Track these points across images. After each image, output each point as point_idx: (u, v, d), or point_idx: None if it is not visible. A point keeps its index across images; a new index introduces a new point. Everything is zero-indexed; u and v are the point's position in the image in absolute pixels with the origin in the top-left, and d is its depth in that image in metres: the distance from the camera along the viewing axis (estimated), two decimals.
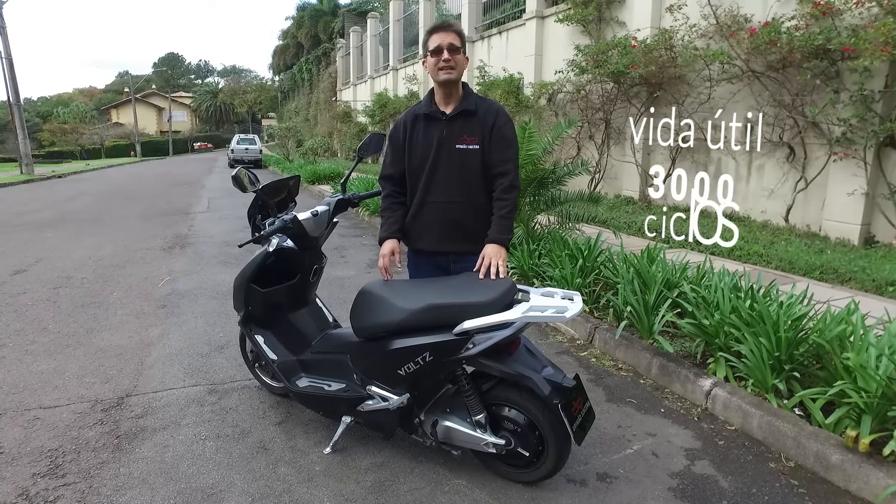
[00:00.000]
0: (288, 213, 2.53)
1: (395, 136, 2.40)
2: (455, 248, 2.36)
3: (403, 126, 2.37)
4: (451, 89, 2.29)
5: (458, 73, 2.26)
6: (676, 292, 3.73)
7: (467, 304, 1.94)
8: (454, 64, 2.23)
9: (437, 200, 2.31)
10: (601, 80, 9.35)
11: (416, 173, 2.34)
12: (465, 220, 2.32)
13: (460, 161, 2.28)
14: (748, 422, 2.66)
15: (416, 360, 2.02)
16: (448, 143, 2.28)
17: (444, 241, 2.34)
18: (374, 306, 2.15)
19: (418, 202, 2.35)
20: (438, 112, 2.31)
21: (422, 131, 2.33)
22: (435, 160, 2.29)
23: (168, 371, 3.27)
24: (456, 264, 2.39)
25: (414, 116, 2.36)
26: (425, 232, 2.33)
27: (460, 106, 2.29)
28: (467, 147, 2.28)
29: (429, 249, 2.39)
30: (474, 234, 2.32)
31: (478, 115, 2.30)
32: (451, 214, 2.31)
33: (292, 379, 2.53)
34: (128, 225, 8.87)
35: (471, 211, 2.32)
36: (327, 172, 15.41)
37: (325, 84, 34.45)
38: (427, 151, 2.30)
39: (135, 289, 5.07)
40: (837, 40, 6.08)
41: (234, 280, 2.64)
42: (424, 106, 2.34)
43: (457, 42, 2.23)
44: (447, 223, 2.32)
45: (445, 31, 2.24)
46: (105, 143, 46.80)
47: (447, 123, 2.29)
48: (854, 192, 6.31)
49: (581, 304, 1.93)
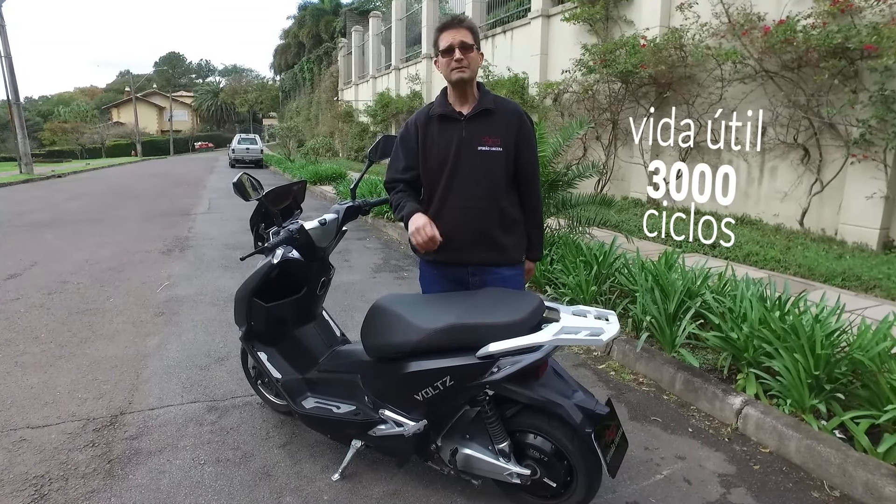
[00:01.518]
0: (294, 222, 2.35)
1: (407, 138, 2.21)
2: (476, 259, 2.17)
3: (415, 127, 2.19)
4: (466, 89, 2.12)
5: (473, 72, 2.09)
6: (698, 302, 3.55)
7: (493, 325, 1.77)
8: (467, 62, 2.06)
9: (457, 206, 2.13)
10: (609, 79, 9.17)
11: (433, 178, 2.16)
12: (487, 226, 2.15)
13: (482, 163, 2.11)
14: (784, 444, 2.48)
15: (436, 385, 1.85)
16: (469, 145, 2.11)
17: (464, 250, 2.15)
18: (388, 324, 1.97)
19: (436, 208, 2.16)
20: (455, 112, 2.14)
21: (437, 133, 2.15)
22: (455, 163, 2.11)
23: (165, 385, 3.10)
24: (474, 277, 2.20)
25: (427, 117, 2.18)
26: (444, 240, 2.12)
27: (479, 106, 2.13)
28: (490, 149, 2.11)
29: (447, 260, 2.19)
30: (496, 242, 2.16)
31: (497, 115, 2.14)
32: (473, 221, 2.13)
33: (298, 399, 2.36)
34: (127, 226, 8.71)
35: (494, 217, 2.15)
36: (329, 173, 15.23)
37: (327, 84, 34.28)
38: (445, 154, 2.12)
39: (132, 294, 4.90)
40: (857, 39, 5.90)
41: (236, 293, 2.46)
42: (439, 106, 2.17)
43: (469, 39, 2.07)
44: (469, 230, 2.14)
45: (456, 28, 2.07)
46: (106, 142, 46.64)
47: (466, 124, 2.12)
48: (873, 195, 6.13)
49: (617, 325, 1.75)
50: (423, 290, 2.36)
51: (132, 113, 46.25)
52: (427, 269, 2.29)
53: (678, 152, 8.71)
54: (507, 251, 2.19)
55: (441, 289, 2.26)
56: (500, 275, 2.19)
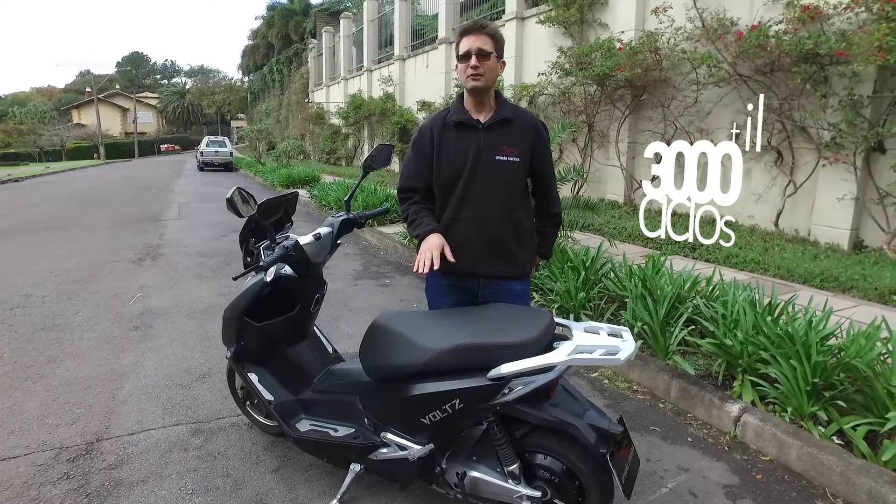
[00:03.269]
0: (286, 236, 2.24)
1: (421, 144, 2.15)
2: (489, 271, 2.11)
3: (430, 134, 2.13)
4: (483, 96, 2.08)
5: (489, 81, 2.04)
6: (689, 307, 3.55)
7: (504, 345, 1.69)
8: (483, 70, 2.01)
9: (472, 216, 2.07)
10: (585, 82, 9.22)
11: (448, 186, 2.10)
12: (502, 237, 2.09)
13: (500, 173, 2.07)
14: (785, 452, 2.48)
15: (444, 408, 1.77)
16: (486, 154, 2.06)
17: (478, 261, 2.09)
18: (390, 344, 1.88)
19: (450, 217, 2.10)
20: (473, 120, 2.09)
21: (454, 140, 2.10)
22: (471, 172, 2.06)
23: (144, 407, 2.93)
24: (485, 290, 2.14)
25: (443, 123, 2.12)
26: (457, 251, 2.03)
27: (497, 114, 2.08)
28: (507, 159, 2.06)
29: (460, 271, 2.10)
30: (510, 254, 2.11)
31: (515, 124, 2.10)
32: (488, 232, 2.08)
33: (291, 422, 2.24)
34: (93, 234, 8.36)
35: (509, 228, 2.10)
36: (302, 176, 15.00)
37: (297, 85, 33.82)
38: (461, 162, 2.07)
39: (103, 308, 4.67)
40: (827, 45, 6.04)
41: (224, 312, 2.33)
42: (455, 113, 2.11)
43: (488, 46, 2.02)
44: (483, 241, 2.08)
45: (476, 33, 2.02)
46: (66, 144, 44.96)
47: (484, 132, 2.07)
48: (844, 196, 6.29)
49: (633, 342, 1.70)
50: (429, 302, 2.29)
51: (94, 114, 44.69)
52: (436, 279, 2.20)
53: (654, 155, 8.79)
54: (521, 264, 2.16)
55: (450, 301, 2.20)
56: (511, 289, 2.14)
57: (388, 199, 8.66)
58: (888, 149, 6.08)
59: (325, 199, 10.65)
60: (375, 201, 8.54)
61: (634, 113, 9.08)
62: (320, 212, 10.78)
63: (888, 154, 6.08)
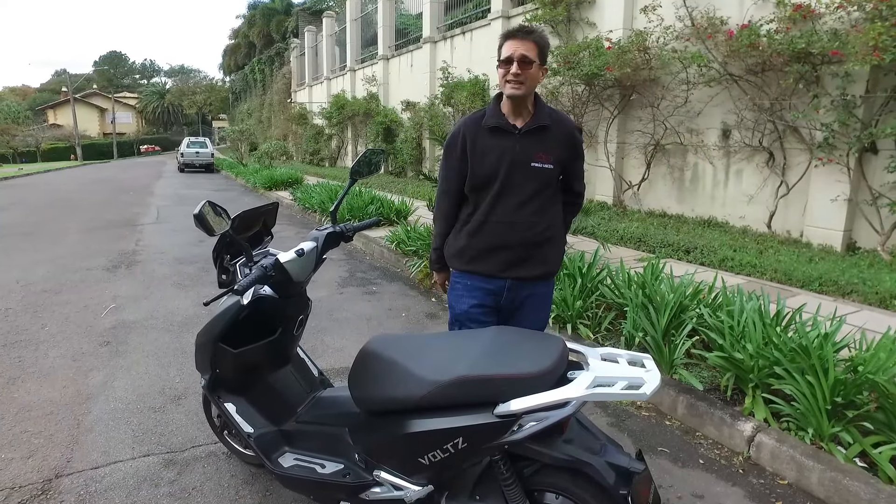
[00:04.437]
0: (265, 252, 2.02)
1: (453, 147, 2.11)
2: (518, 274, 2.08)
3: (463, 138, 2.07)
4: (522, 102, 2.00)
5: (528, 89, 1.96)
6: (693, 316, 3.40)
7: (513, 378, 1.50)
8: (524, 78, 1.92)
9: (502, 220, 2.05)
10: (573, 82, 9.09)
11: (481, 190, 2.06)
12: (533, 241, 2.06)
13: (534, 179, 2.03)
14: (805, 476, 2.32)
15: (445, 448, 1.57)
16: (521, 161, 2.01)
17: (505, 264, 2.07)
18: (383, 374, 1.67)
19: (480, 220, 2.07)
20: (509, 125, 2.01)
21: (490, 144, 2.02)
22: (506, 178, 2.01)
23: (112, 435, 2.68)
24: (510, 292, 2.11)
25: (477, 127, 2.05)
26: (486, 254, 2.07)
27: (535, 121, 2.01)
28: (542, 166, 2.02)
29: (486, 273, 2.09)
30: (540, 256, 2.09)
31: (552, 131, 2.02)
32: (517, 236, 2.05)
33: (273, 456, 2.02)
34: (66, 240, 8.00)
35: (540, 231, 2.07)
36: (285, 178, 14.67)
37: (279, 85, 33.37)
38: (496, 167, 2.02)
39: (72, 321, 4.39)
40: (820, 44, 5.96)
41: (197, 337, 2.09)
42: (491, 117, 2.03)
43: (531, 53, 1.92)
44: (514, 245, 2.06)
45: (521, 39, 1.93)
46: (41, 145, 43.81)
47: (520, 138, 2.01)
48: (837, 197, 6.22)
49: (657, 372, 1.51)
50: (451, 303, 2.22)
51: (70, 114, 43.59)
52: (460, 279, 2.17)
53: (644, 154, 8.71)
54: (549, 263, 2.14)
55: (473, 301, 2.14)
56: (536, 291, 2.14)
57: (374, 202, 8.43)
58: (881, 149, 6.02)
59: (308, 202, 10.37)
60: (361, 204, 8.28)
61: (623, 113, 8.97)
62: (304, 215, 10.51)
63: (881, 155, 6.02)
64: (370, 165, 2.25)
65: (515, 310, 2.16)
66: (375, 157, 2.26)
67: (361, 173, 2.23)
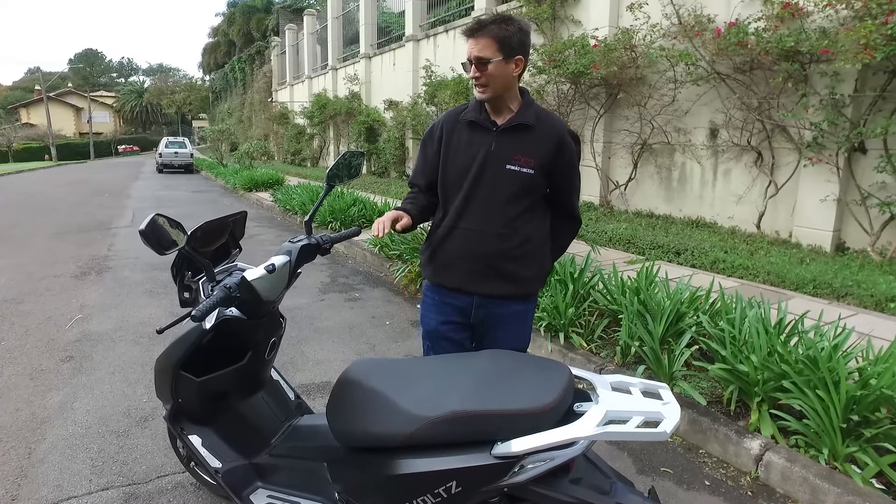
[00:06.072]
0: (231, 267, 1.81)
1: (430, 140, 1.94)
2: (483, 290, 1.88)
3: (441, 130, 1.91)
4: (499, 102, 1.81)
5: (496, 90, 1.75)
6: (692, 325, 3.25)
7: (513, 414, 1.31)
8: (485, 80, 1.73)
9: (471, 228, 1.85)
10: (558, 80, 8.95)
11: (451, 190, 1.88)
12: (500, 255, 1.85)
13: (508, 184, 1.81)
14: (820, 499, 2.17)
15: (437, 492, 1.38)
16: (496, 161, 1.81)
17: (473, 278, 1.87)
18: (366, 406, 1.48)
19: (448, 226, 1.89)
20: (488, 121, 1.83)
21: (464, 140, 1.84)
22: (476, 178, 1.82)
23: (68, 466, 2.44)
24: (479, 309, 1.90)
25: (456, 121, 1.88)
26: (452, 263, 1.88)
27: (516, 118, 1.79)
28: (520, 169, 1.80)
29: (452, 286, 1.90)
30: (510, 273, 1.87)
31: (536, 131, 1.79)
32: (484, 247, 1.84)
33: (244, 493, 1.81)
34: (33, 244, 7.64)
35: (511, 245, 1.84)
36: (265, 178, 14.34)
37: (260, 84, 32.85)
38: (468, 165, 1.83)
39: (33, 334, 4.11)
40: (808, 42, 5.88)
41: (156, 363, 1.87)
42: (472, 111, 1.86)
43: (488, 51, 1.70)
44: (480, 257, 1.85)
45: (477, 36, 1.72)
46: (14, 144, 42.61)
47: (497, 136, 1.80)
48: (826, 197, 6.15)
49: (677, 405, 1.34)
50: (422, 317, 2.02)
51: (44, 113, 42.46)
52: (430, 292, 2.00)
53: (631, 154, 8.60)
54: (523, 283, 1.91)
55: (441, 318, 1.93)
56: (509, 309, 1.92)
57: (357, 204, 8.20)
58: (870, 149, 5.96)
59: (289, 204, 10.10)
60: (343, 206, 8.04)
61: (610, 112, 8.86)
62: (285, 217, 10.23)
63: (870, 154, 5.96)
64: (349, 169, 2.05)
65: (489, 329, 1.95)
66: (355, 160, 2.06)
67: (340, 178, 2.02)
